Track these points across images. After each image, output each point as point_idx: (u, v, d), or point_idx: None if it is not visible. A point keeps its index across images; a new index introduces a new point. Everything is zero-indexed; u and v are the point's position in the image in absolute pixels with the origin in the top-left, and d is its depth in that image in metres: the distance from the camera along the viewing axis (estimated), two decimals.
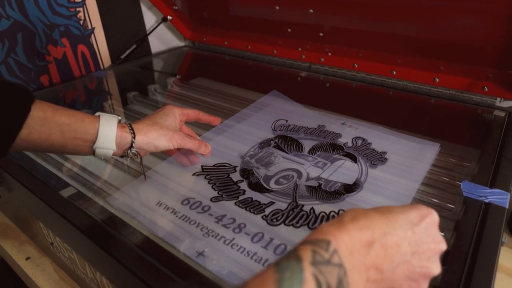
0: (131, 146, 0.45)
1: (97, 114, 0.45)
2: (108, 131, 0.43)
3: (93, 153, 0.44)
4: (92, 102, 0.85)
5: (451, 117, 0.69)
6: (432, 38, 0.68)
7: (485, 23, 0.60)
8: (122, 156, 0.47)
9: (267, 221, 0.41)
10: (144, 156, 0.50)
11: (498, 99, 0.67)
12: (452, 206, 0.45)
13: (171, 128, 0.49)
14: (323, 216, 0.42)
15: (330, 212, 0.42)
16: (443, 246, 0.29)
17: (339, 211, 0.43)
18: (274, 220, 0.41)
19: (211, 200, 0.45)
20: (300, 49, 0.89)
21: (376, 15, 0.70)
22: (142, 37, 1.01)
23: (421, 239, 0.28)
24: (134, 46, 0.98)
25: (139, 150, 0.46)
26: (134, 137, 0.45)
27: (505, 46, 0.61)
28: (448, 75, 0.71)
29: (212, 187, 0.48)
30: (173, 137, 0.48)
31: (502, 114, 0.64)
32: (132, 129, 0.46)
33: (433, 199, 0.47)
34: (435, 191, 0.48)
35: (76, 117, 0.42)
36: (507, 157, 0.51)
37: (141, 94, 0.84)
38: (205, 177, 0.49)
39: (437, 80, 0.71)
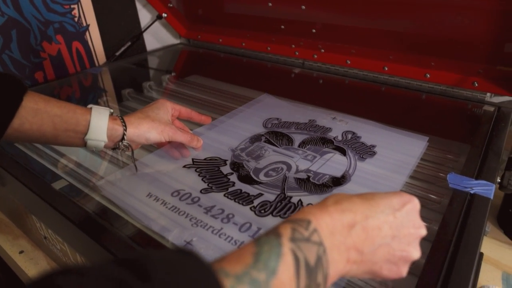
0: (123, 139, 0.46)
1: (89, 106, 0.45)
2: (99, 123, 0.44)
3: (84, 144, 0.44)
4: (87, 99, 0.86)
5: (441, 112, 0.70)
6: (423, 34, 0.69)
7: (475, 19, 0.61)
8: (113, 148, 0.47)
9: (255, 212, 0.42)
10: (136, 148, 0.51)
11: (488, 94, 0.68)
12: (440, 198, 0.46)
13: (163, 121, 0.50)
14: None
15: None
16: (423, 231, 0.30)
17: None
18: (262, 211, 0.42)
19: (200, 191, 0.46)
20: (293, 46, 0.90)
21: (368, 12, 0.71)
22: (137, 35, 1.01)
23: (402, 223, 0.29)
24: (129, 43, 0.98)
25: (130, 142, 0.47)
26: (125, 130, 0.46)
27: (495, 42, 0.62)
28: (439, 71, 0.71)
29: (202, 179, 0.48)
30: (165, 130, 0.49)
31: (491, 109, 0.65)
32: (123, 121, 0.46)
33: (422, 192, 0.47)
34: (424, 184, 0.49)
35: (68, 109, 0.43)
36: (494, 150, 0.51)
37: (136, 91, 0.84)
38: (195, 170, 0.50)
39: (428, 75, 0.72)
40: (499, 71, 0.65)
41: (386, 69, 0.77)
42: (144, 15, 1.05)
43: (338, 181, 0.47)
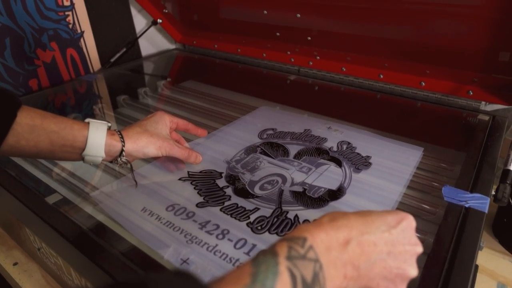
0: (121, 154, 0.46)
1: (86, 120, 0.45)
2: (97, 139, 0.44)
3: (82, 159, 0.44)
4: (82, 106, 0.85)
5: (436, 120, 0.70)
6: (419, 43, 0.69)
7: (470, 28, 0.61)
8: (111, 162, 0.47)
9: (252, 229, 0.42)
10: (132, 161, 0.51)
11: (483, 102, 0.68)
12: (435, 209, 0.46)
13: (161, 136, 0.49)
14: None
15: (314, 220, 0.43)
16: (419, 249, 0.30)
17: None
18: (259, 227, 0.42)
19: (196, 206, 0.45)
20: (289, 52, 0.90)
21: (363, 19, 0.71)
22: (132, 41, 1.01)
23: (397, 240, 0.29)
24: (124, 49, 0.98)
25: (127, 156, 0.47)
26: (124, 145, 0.46)
27: (490, 50, 0.62)
28: (434, 79, 0.71)
29: (198, 192, 0.48)
30: (163, 145, 0.49)
31: (486, 118, 0.65)
32: (122, 136, 0.46)
33: (417, 203, 0.47)
34: (419, 195, 0.49)
35: (65, 124, 0.42)
36: (488, 161, 0.52)
37: (131, 97, 0.84)
38: (191, 183, 0.50)
39: (423, 84, 0.72)
40: (494, 80, 0.65)
41: (382, 76, 0.77)
42: (139, 21, 1.05)
43: (334, 194, 0.47)
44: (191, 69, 1.07)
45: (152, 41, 1.12)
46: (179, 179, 0.50)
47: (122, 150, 0.45)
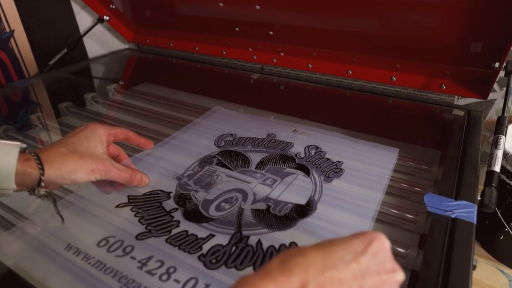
0: (39, 184, 0.36)
1: None
2: (5, 167, 0.34)
3: None
4: (17, 116, 0.74)
5: (410, 117, 0.66)
6: (388, 35, 0.64)
7: (440, 18, 0.57)
8: (29, 192, 0.37)
9: (204, 263, 0.34)
10: (55, 188, 0.41)
11: (456, 97, 0.64)
12: (415, 217, 0.40)
13: (95, 156, 0.40)
14: (272, 252, 0.35)
15: (280, 247, 0.36)
16: (399, 276, 0.24)
17: (290, 244, 0.36)
18: (213, 261, 0.34)
19: (136, 237, 0.37)
20: (251, 49, 0.83)
21: (329, 11, 0.65)
22: (75, 40, 0.90)
23: (369, 269, 0.23)
24: (65, 50, 0.87)
25: (49, 184, 0.37)
26: (42, 173, 0.36)
27: (460, 42, 0.58)
28: (405, 74, 0.67)
29: (139, 220, 0.39)
30: (97, 168, 0.39)
31: (461, 113, 0.61)
32: (39, 161, 0.36)
33: (395, 211, 0.42)
34: (397, 201, 0.43)
35: None
36: (469, 162, 0.47)
37: (76, 104, 0.74)
38: (131, 209, 0.41)
39: (394, 79, 0.67)
40: (466, 72, 0.61)
41: (350, 72, 0.71)
42: (84, 18, 0.94)
43: (303, 210, 0.40)
44: (146, 71, 0.98)
45: (101, 41, 1.01)
46: (117, 206, 0.42)
47: (41, 180, 0.36)
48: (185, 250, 0.35)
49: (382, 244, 0.24)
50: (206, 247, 0.36)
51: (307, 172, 0.47)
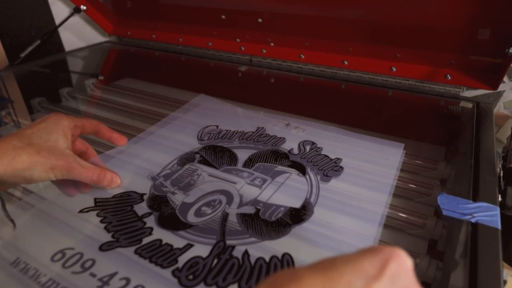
0: None
1: None
2: None
3: None
4: None
5: (412, 111, 0.60)
6: (386, 22, 0.59)
7: (443, 2, 0.52)
8: None
9: (179, 280, 0.28)
10: (7, 189, 0.35)
11: (462, 87, 0.59)
12: (424, 221, 0.35)
13: (55, 151, 0.34)
14: (261, 266, 0.29)
15: (271, 259, 0.30)
16: None
17: (283, 256, 0.30)
18: (191, 277, 0.28)
19: (100, 248, 0.31)
20: (238, 40, 0.77)
21: None
22: (49, 31, 0.83)
23: None
24: (38, 42, 0.80)
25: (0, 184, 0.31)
26: None
27: (466, 28, 0.53)
28: (406, 63, 0.62)
29: (105, 227, 0.33)
30: (57, 165, 0.33)
31: (470, 105, 0.56)
32: None
33: (401, 214, 0.36)
34: (402, 203, 0.38)
35: None
36: (485, 157, 0.41)
37: (49, 100, 0.68)
38: (97, 214, 0.35)
39: (394, 69, 0.62)
40: (474, 61, 0.56)
41: (346, 63, 0.66)
42: (60, 8, 0.87)
43: (297, 215, 0.35)
44: (127, 65, 0.91)
45: (79, 33, 0.94)
46: (80, 211, 0.35)
47: None
48: (157, 263, 0.29)
49: (403, 264, 0.18)
50: (182, 259, 0.30)
51: (302, 170, 0.41)
